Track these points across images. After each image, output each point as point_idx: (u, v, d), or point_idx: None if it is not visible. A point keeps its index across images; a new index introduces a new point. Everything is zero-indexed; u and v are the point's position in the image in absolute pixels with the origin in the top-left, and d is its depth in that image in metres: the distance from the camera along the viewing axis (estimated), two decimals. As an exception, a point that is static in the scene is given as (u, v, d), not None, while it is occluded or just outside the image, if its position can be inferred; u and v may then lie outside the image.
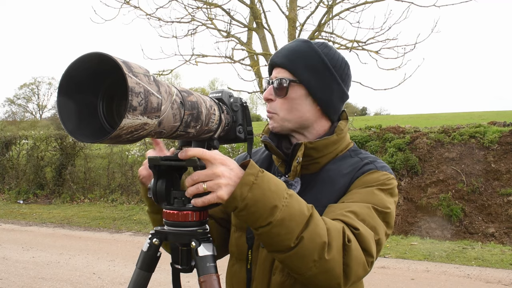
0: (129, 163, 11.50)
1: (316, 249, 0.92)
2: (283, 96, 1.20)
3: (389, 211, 1.09)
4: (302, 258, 0.93)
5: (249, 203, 0.90)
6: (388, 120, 17.14)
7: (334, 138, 1.20)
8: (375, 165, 1.17)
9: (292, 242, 0.92)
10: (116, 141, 0.77)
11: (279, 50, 1.25)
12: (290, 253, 0.93)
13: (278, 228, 0.91)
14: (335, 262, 0.94)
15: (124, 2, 8.32)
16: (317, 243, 0.92)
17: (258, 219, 0.91)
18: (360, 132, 9.96)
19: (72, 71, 0.79)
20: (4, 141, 13.21)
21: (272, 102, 1.22)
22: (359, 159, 1.20)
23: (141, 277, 1.09)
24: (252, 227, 0.94)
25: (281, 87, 1.19)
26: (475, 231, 7.54)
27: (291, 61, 1.19)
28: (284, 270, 1.13)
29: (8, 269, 5.71)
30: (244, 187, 0.90)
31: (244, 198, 0.89)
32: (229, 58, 8.46)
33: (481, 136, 8.53)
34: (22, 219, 9.77)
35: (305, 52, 1.20)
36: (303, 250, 0.92)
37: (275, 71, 1.23)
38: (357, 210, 1.04)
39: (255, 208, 0.90)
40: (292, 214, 0.92)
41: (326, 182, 1.17)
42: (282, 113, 1.21)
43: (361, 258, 0.98)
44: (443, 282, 5.09)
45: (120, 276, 5.39)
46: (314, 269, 0.93)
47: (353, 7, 8.17)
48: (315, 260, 0.93)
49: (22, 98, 46.42)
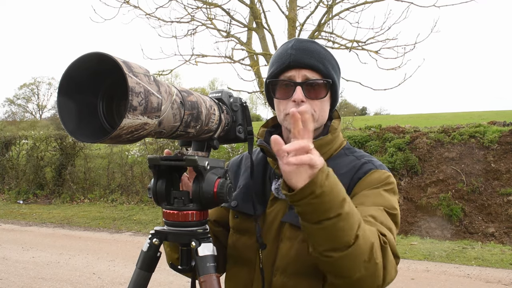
0: (129, 163, 11.50)
1: (367, 249, 0.91)
2: (322, 98, 1.18)
3: (397, 212, 1.11)
4: (355, 258, 0.91)
5: (326, 191, 0.87)
6: (388, 120, 17.13)
7: (329, 137, 1.21)
8: (374, 164, 1.18)
9: (352, 239, 0.90)
10: (116, 141, 0.77)
11: (296, 50, 1.19)
12: (347, 251, 0.90)
13: (343, 222, 0.89)
14: (379, 265, 0.93)
15: (124, 1, 8.31)
16: (368, 243, 0.92)
17: (330, 209, 0.88)
18: (360, 132, 9.96)
19: (72, 71, 0.79)
20: (4, 141, 13.21)
21: (303, 103, 1.17)
22: (354, 157, 1.20)
23: (141, 277, 1.08)
24: (317, 219, 0.89)
25: (318, 89, 1.18)
26: (475, 231, 7.54)
27: (321, 63, 1.18)
28: (286, 271, 1.12)
29: (8, 269, 5.71)
30: (322, 174, 0.87)
31: (323, 184, 0.87)
32: (229, 58, 8.45)
33: (481, 136, 8.53)
34: (22, 219, 9.77)
35: (326, 54, 1.21)
36: (358, 249, 0.90)
37: (301, 72, 1.17)
38: (375, 214, 1.04)
39: (330, 197, 0.88)
40: (353, 209, 0.92)
41: None
42: (317, 114, 1.18)
43: (393, 260, 0.99)
44: (443, 282, 5.09)
45: (120, 276, 5.39)
46: (363, 270, 0.92)
47: (353, 7, 8.16)
48: (365, 261, 0.91)
49: (22, 98, 46.44)
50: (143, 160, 11.15)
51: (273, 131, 1.31)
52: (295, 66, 1.18)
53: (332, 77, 1.20)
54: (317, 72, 1.18)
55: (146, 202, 10.41)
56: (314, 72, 1.18)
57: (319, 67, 1.18)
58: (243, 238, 1.23)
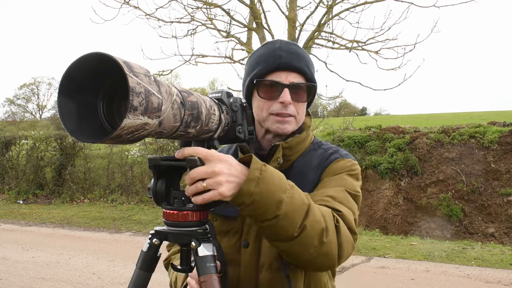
0: (129, 163, 11.50)
1: (317, 235, 0.96)
2: (305, 101, 1.25)
3: (359, 194, 1.19)
4: (304, 245, 0.97)
5: (256, 199, 0.91)
6: (388, 120, 17.13)
7: (304, 135, 1.27)
8: (340, 154, 1.25)
9: (296, 232, 0.95)
10: (116, 141, 0.77)
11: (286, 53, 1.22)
12: (292, 242, 0.96)
13: (283, 220, 0.94)
14: (332, 244, 0.99)
15: (124, 2, 8.31)
16: (317, 230, 0.97)
17: (265, 213, 0.93)
18: (360, 132, 9.96)
19: (73, 71, 0.79)
20: (4, 141, 13.21)
21: (289, 105, 1.21)
22: (323, 150, 1.28)
23: (141, 277, 1.08)
24: (257, 220, 0.96)
25: (302, 92, 1.24)
26: (475, 231, 7.55)
27: (307, 67, 1.24)
28: (272, 267, 1.16)
29: (8, 269, 5.71)
30: (251, 182, 0.91)
31: (251, 193, 0.91)
32: (229, 58, 8.45)
33: (481, 136, 8.54)
34: (22, 219, 9.77)
35: (309, 58, 1.27)
36: (305, 237, 0.96)
37: (289, 75, 1.21)
38: (334, 194, 1.11)
39: (262, 203, 0.92)
40: (295, 205, 0.95)
41: (298, 176, 1.21)
42: (299, 117, 1.25)
43: (349, 236, 1.04)
44: (443, 282, 5.09)
45: (120, 276, 5.39)
46: (314, 253, 0.98)
47: (353, 7, 8.16)
48: (315, 246, 0.97)
49: (22, 98, 46.47)
50: (143, 160, 11.15)
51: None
52: (284, 68, 1.22)
53: (315, 81, 1.26)
54: (303, 76, 1.23)
55: (146, 202, 10.41)
56: (301, 75, 1.23)
57: (305, 71, 1.23)
58: (224, 240, 1.25)
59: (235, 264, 1.22)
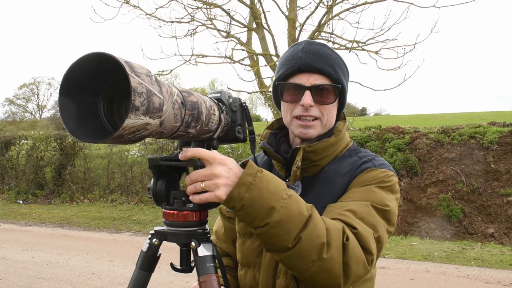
0: (128, 163, 11.49)
1: (315, 249, 0.92)
2: (330, 103, 1.19)
3: (389, 209, 1.09)
4: (300, 258, 0.93)
5: (246, 204, 0.90)
6: (387, 121, 17.15)
7: (333, 140, 1.20)
8: (373, 163, 1.17)
9: (290, 243, 0.92)
10: (118, 141, 0.77)
11: (306, 54, 1.19)
12: (288, 253, 0.93)
13: (275, 229, 0.91)
14: (334, 262, 0.94)
15: (124, 1, 8.32)
16: (315, 244, 0.92)
17: (255, 220, 0.91)
18: (360, 132, 9.96)
19: (73, 71, 0.79)
20: (3, 141, 13.20)
21: (311, 107, 1.17)
22: (358, 158, 1.20)
23: (141, 277, 1.08)
24: (250, 227, 0.95)
25: (327, 94, 1.18)
26: (474, 232, 7.54)
27: (331, 67, 1.18)
28: (288, 273, 1.13)
29: (7, 269, 5.70)
30: (242, 187, 0.90)
31: (241, 198, 0.89)
32: (229, 58, 8.46)
33: (480, 136, 8.53)
34: (21, 219, 9.77)
35: (336, 58, 1.21)
36: (301, 250, 0.92)
37: (311, 76, 1.17)
38: (355, 208, 1.04)
39: (252, 209, 0.90)
40: (290, 215, 0.92)
41: (325, 182, 1.17)
42: (325, 119, 1.19)
43: (360, 256, 0.97)
44: (443, 283, 5.09)
45: (120, 276, 5.39)
46: (313, 268, 0.94)
47: (353, 8, 8.17)
48: (313, 260, 0.93)
49: (21, 98, 46.46)
50: (142, 160, 11.15)
51: (277, 133, 1.31)
52: (305, 70, 1.17)
53: (342, 82, 1.20)
54: (327, 76, 1.17)
55: (145, 202, 10.40)
56: (324, 76, 1.17)
57: (329, 71, 1.17)
58: (247, 242, 1.24)
59: (255, 267, 1.22)
